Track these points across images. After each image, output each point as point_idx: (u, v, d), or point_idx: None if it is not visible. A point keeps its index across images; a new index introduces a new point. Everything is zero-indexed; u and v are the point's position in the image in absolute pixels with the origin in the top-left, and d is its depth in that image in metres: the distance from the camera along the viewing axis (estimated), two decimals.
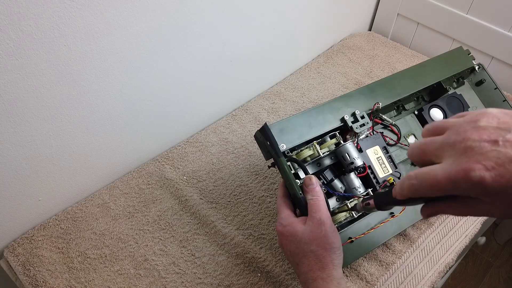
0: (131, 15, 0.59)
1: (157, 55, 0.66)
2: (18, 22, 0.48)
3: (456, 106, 0.69)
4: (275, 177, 0.75)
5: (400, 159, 0.65)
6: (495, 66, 0.98)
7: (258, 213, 0.70)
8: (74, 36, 0.54)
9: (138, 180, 0.75)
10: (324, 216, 0.50)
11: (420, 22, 1.07)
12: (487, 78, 0.73)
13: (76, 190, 0.72)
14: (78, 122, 0.63)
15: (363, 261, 0.63)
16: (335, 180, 0.59)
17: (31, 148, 0.60)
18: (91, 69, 0.59)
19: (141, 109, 0.71)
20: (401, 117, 0.69)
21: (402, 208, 0.60)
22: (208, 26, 0.71)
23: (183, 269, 0.63)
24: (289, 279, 0.61)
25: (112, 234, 0.67)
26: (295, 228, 0.51)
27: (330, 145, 0.58)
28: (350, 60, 1.01)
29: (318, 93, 0.92)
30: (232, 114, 0.87)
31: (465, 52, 0.73)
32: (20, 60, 0.51)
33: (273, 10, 0.81)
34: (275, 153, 0.55)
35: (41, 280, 0.61)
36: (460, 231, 0.69)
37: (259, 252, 0.65)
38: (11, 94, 0.53)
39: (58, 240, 0.66)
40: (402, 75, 0.67)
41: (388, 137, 0.65)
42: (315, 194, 0.52)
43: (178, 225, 0.68)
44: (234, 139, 0.82)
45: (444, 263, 0.65)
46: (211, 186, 0.74)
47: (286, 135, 0.57)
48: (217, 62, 0.78)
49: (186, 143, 0.81)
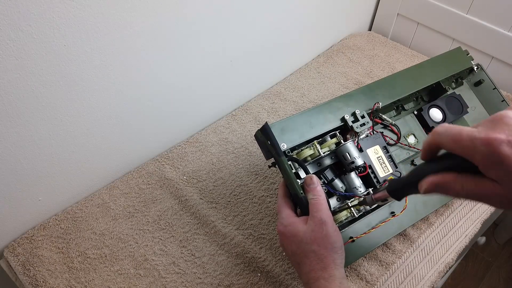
0: (131, 15, 0.59)
1: (157, 55, 0.66)
2: (18, 22, 0.48)
3: (455, 106, 0.69)
4: (275, 177, 0.75)
5: (400, 159, 0.65)
6: (495, 66, 0.98)
7: (258, 213, 0.70)
8: (74, 36, 0.54)
9: (138, 180, 0.75)
10: (326, 215, 0.50)
11: (420, 22, 1.07)
12: (485, 78, 0.73)
13: (76, 190, 0.71)
14: (78, 122, 0.63)
15: (363, 261, 0.63)
16: (336, 180, 0.59)
17: (31, 148, 0.60)
18: (91, 69, 0.59)
19: (141, 109, 0.71)
20: (400, 117, 0.69)
21: (403, 208, 0.60)
22: (208, 26, 0.71)
23: (183, 269, 0.63)
24: (289, 279, 0.61)
25: (112, 234, 0.67)
26: (296, 228, 0.50)
27: (331, 145, 0.58)
28: (350, 60, 1.01)
29: (318, 93, 0.92)
30: (232, 114, 0.87)
31: (463, 52, 0.73)
32: (20, 60, 0.51)
33: (273, 10, 0.81)
34: (276, 152, 0.55)
35: (41, 280, 0.61)
36: (460, 231, 0.69)
37: (259, 252, 0.65)
38: (11, 94, 0.53)
39: (58, 240, 0.66)
40: (401, 75, 0.67)
41: (388, 137, 0.65)
42: (316, 193, 0.52)
43: (178, 225, 0.68)
44: (234, 139, 0.82)
45: (444, 263, 0.65)
46: (211, 186, 0.74)
47: (287, 135, 0.57)
48: (217, 62, 0.78)
49: (186, 143, 0.81)
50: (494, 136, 0.30)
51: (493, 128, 0.31)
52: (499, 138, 0.30)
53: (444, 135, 0.34)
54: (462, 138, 0.32)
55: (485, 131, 0.31)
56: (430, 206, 0.63)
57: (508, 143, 0.30)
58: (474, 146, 0.31)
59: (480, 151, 0.31)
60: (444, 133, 0.34)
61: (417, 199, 0.62)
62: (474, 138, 0.31)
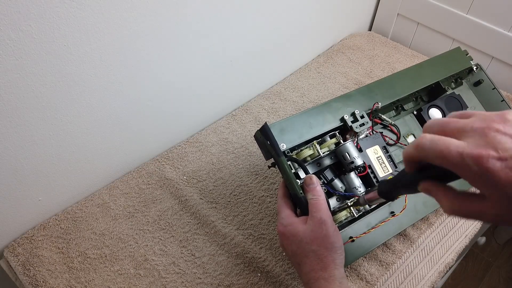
0: (131, 15, 0.59)
1: (157, 55, 0.66)
2: (18, 22, 0.48)
3: (455, 106, 0.69)
4: (275, 177, 0.75)
5: (400, 159, 0.65)
6: (495, 66, 0.98)
7: (258, 213, 0.70)
8: (74, 36, 0.54)
9: (138, 180, 0.75)
10: (325, 215, 0.50)
11: (420, 22, 1.07)
12: (485, 78, 0.73)
13: (76, 190, 0.72)
14: (78, 122, 0.63)
15: (363, 261, 0.63)
16: (335, 180, 0.59)
17: (31, 148, 0.60)
18: (91, 69, 0.59)
19: (141, 109, 0.71)
20: (400, 117, 0.69)
21: (403, 207, 0.60)
22: (208, 26, 0.71)
23: (183, 269, 0.63)
24: (289, 279, 0.61)
25: (112, 234, 0.67)
26: (296, 228, 0.50)
27: (330, 145, 0.58)
28: (350, 60, 1.01)
29: (318, 93, 0.92)
30: (232, 114, 0.87)
31: (463, 52, 0.73)
32: (20, 60, 0.51)
33: (273, 10, 0.81)
34: (275, 152, 0.55)
35: (41, 280, 0.61)
36: (460, 231, 0.69)
37: (259, 252, 0.65)
38: (11, 94, 0.53)
39: (58, 240, 0.66)
40: (400, 75, 0.67)
41: (387, 137, 0.65)
42: (316, 193, 0.52)
43: (178, 225, 0.69)
44: (234, 139, 0.82)
45: (444, 263, 0.65)
46: (211, 186, 0.74)
47: (286, 135, 0.57)
48: (217, 62, 0.78)
49: (186, 143, 0.81)
50: (486, 153, 0.29)
51: (482, 140, 0.30)
52: (491, 155, 0.29)
53: (430, 151, 0.32)
54: (451, 154, 0.30)
55: (475, 146, 0.30)
56: (430, 205, 0.63)
57: (499, 157, 0.28)
58: (463, 163, 0.30)
59: (470, 168, 0.29)
60: (429, 148, 0.32)
61: (417, 199, 0.62)
62: (463, 154, 0.30)
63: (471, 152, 0.29)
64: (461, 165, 0.30)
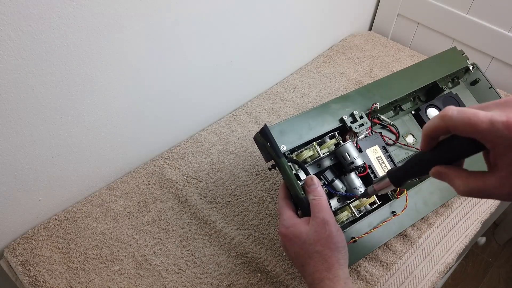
0: (131, 15, 0.59)
1: (157, 55, 0.66)
2: (18, 22, 0.48)
3: (452, 105, 0.70)
4: (276, 177, 0.75)
5: (400, 158, 0.65)
6: (495, 66, 0.98)
7: (259, 213, 0.70)
8: (74, 36, 0.54)
9: (138, 180, 0.75)
10: (328, 215, 0.49)
11: (420, 22, 1.07)
12: (481, 77, 0.74)
13: (76, 190, 0.72)
14: (78, 122, 0.63)
15: (364, 262, 0.63)
16: (336, 181, 0.59)
17: (31, 148, 0.60)
18: (91, 69, 0.59)
19: (141, 109, 0.71)
20: (398, 117, 0.69)
21: (404, 207, 0.60)
22: (208, 26, 0.71)
23: (183, 269, 0.63)
24: (289, 279, 0.61)
25: (112, 234, 0.67)
26: (299, 229, 0.50)
27: (330, 146, 0.58)
28: (350, 60, 1.01)
29: (318, 93, 0.92)
30: (232, 114, 0.87)
31: (459, 52, 0.73)
32: (20, 60, 0.51)
33: (273, 10, 0.81)
34: (276, 154, 0.55)
35: (41, 280, 0.61)
36: (460, 231, 0.69)
37: (259, 252, 0.65)
38: (11, 94, 0.53)
39: (58, 240, 0.66)
40: (398, 75, 0.68)
41: (386, 137, 0.65)
42: (317, 194, 0.51)
43: (178, 225, 0.68)
44: (234, 139, 0.82)
45: (445, 263, 0.65)
46: (211, 186, 0.74)
47: (286, 136, 0.57)
48: (217, 62, 0.78)
49: (186, 143, 0.81)
50: None
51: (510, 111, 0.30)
52: None
53: (458, 118, 0.32)
54: (480, 120, 0.30)
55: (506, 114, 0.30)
56: (430, 205, 0.63)
57: None
58: (495, 129, 0.30)
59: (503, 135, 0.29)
60: (457, 116, 0.32)
61: (418, 198, 0.62)
62: (493, 119, 0.30)
63: (500, 118, 0.30)
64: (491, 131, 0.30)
